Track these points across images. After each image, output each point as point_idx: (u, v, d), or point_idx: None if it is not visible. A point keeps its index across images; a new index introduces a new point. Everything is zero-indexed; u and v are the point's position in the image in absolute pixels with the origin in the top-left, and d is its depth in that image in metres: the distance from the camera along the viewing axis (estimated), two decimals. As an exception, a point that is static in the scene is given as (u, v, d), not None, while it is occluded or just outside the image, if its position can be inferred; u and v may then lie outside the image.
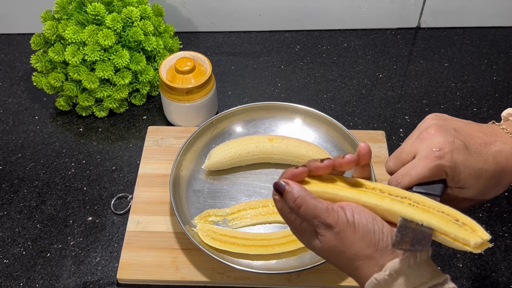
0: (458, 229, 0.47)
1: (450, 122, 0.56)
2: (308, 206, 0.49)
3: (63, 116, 0.99)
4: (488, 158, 0.54)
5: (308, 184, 0.52)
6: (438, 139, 0.53)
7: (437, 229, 0.48)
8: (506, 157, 0.54)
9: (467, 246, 0.46)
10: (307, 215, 0.49)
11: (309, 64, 1.08)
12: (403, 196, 0.51)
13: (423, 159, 0.53)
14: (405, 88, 1.03)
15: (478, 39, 1.12)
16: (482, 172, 0.53)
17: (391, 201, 0.50)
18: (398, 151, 0.56)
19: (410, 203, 0.50)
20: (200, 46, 1.11)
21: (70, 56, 0.89)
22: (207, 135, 0.88)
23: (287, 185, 0.50)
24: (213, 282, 0.75)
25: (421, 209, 0.49)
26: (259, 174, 0.86)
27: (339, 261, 0.50)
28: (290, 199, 0.50)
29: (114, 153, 0.93)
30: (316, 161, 0.52)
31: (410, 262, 0.46)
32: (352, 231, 0.48)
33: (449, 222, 0.48)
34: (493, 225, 0.82)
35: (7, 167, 0.91)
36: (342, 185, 0.53)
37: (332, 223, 0.48)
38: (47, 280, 0.77)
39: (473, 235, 0.46)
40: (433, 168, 0.52)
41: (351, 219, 0.48)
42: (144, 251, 0.78)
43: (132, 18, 0.93)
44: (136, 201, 0.84)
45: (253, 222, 0.80)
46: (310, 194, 0.50)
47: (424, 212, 0.49)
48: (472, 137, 0.55)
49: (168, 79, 0.89)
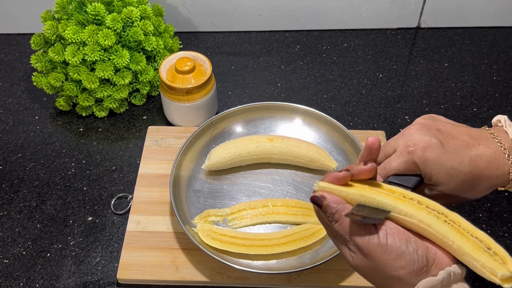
0: (488, 257, 0.46)
1: (437, 122, 0.58)
2: (342, 222, 0.49)
3: (63, 116, 0.99)
4: (465, 160, 0.55)
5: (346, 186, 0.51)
6: (415, 136, 0.56)
7: (467, 255, 0.47)
8: (486, 161, 0.55)
9: (494, 276, 0.45)
10: (341, 230, 0.49)
11: (309, 64, 1.08)
12: (440, 211, 0.50)
13: (399, 153, 0.56)
14: (405, 88, 1.03)
15: (478, 39, 1.12)
16: (454, 172, 0.54)
17: (427, 214, 0.49)
18: (383, 145, 0.58)
19: (446, 220, 0.49)
20: (200, 46, 1.11)
21: (70, 56, 0.89)
22: (207, 135, 0.88)
23: (324, 199, 0.49)
24: (213, 282, 0.75)
25: (455, 230, 0.48)
26: (259, 174, 0.86)
27: (371, 277, 0.50)
28: (329, 213, 0.49)
29: (114, 153, 0.93)
30: (359, 164, 0.51)
31: (443, 281, 0.46)
32: (384, 252, 0.47)
33: (480, 249, 0.47)
34: (493, 225, 0.82)
35: (7, 167, 0.91)
36: (379, 191, 0.51)
37: (362, 245, 0.48)
38: (47, 280, 0.77)
39: (502, 266, 0.45)
40: (405, 163, 0.55)
41: (384, 242, 0.48)
42: (144, 251, 0.78)
43: (132, 18, 0.93)
44: (136, 201, 0.84)
45: (253, 222, 0.80)
46: (348, 208, 0.49)
47: (458, 234, 0.48)
48: (454, 138, 0.56)
49: (168, 79, 0.89)
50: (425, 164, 0.54)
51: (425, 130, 0.56)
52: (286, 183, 0.85)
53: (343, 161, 0.86)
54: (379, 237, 0.48)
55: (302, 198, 0.83)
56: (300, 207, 0.80)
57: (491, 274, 0.46)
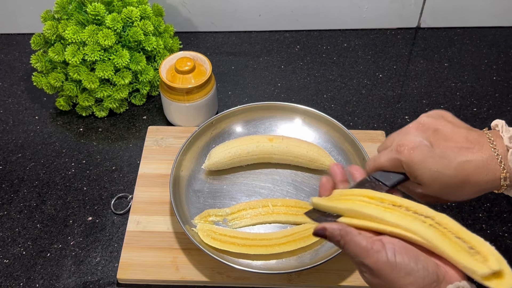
0: (469, 258, 0.46)
1: (438, 122, 0.58)
2: (349, 246, 0.50)
3: (63, 116, 0.99)
4: (451, 164, 0.55)
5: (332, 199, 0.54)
6: (408, 136, 0.57)
7: (450, 258, 0.47)
8: (476, 167, 0.55)
9: (477, 277, 0.45)
10: (350, 253, 0.50)
11: (309, 64, 1.08)
12: (427, 215, 0.50)
13: (389, 150, 0.58)
14: (405, 88, 1.03)
15: (478, 39, 1.12)
16: (438, 175, 0.55)
17: (413, 220, 0.50)
18: (385, 139, 0.60)
19: (432, 224, 0.49)
20: (200, 46, 1.11)
21: (70, 56, 0.89)
22: (207, 135, 0.88)
23: (325, 231, 0.52)
24: (213, 282, 0.75)
25: (439, 233, 0.49)
26: (259, 174, 0.86)
27: None
28: (335, 241, 0.51)
29: (114, 153, 0.93)
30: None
31: None
32: (393, 270, 0.48)
33: (462, 251, 0.47)
34: (493, 225, 0.82)
35: (7, 167, 0.91)
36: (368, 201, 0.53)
37: (370, 264, 0.49)
38: (47, 280, 0.77)
39: (482, 265, 0.45)
40: (392, 160, 0.57)
41: (392, 259, 0.48)
42: (144, 251, 0.78)
43: (132, 18, 0.93)
44: (136, 201, 0.84)
45: (253, 222, 0.80)
46: (351, 232, 0.50)
47: (442, 237, 0.48)
48: (448, 141, 0.56)
49: (168, 79, 0.89)
50: (410, 164, 0.56)
51: (422, 130, 0.57)
52: (286, 183, 0.85)
53: (343, 161, 0.86)
54: (388, 255, 0.48)
55: (302, 198, 0.83)
56: (300, 207, 0.80)
57: (473, 275, 0.46)
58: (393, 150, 0.57)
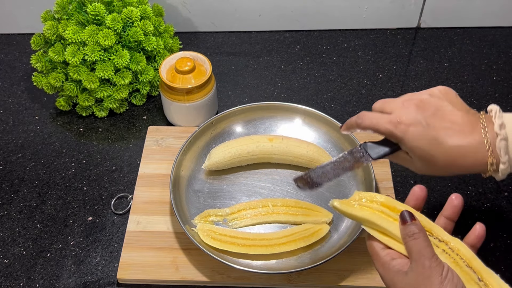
0: None
1: (440, 102, 0.60)
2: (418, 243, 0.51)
3: (63, 116, 0.99)
4: (442, 147, 0.57)
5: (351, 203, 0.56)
6: (410, 112, 0.59)
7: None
8: (465, 151, 0.57)
9: None
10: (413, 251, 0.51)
11: (309, 64, 1.08)
12: (441, 239, 0.52)
13: (387, 119, 0.60)
14: (405, 88, 1.03)
15: (478, 39, 1.12)
16: (426, 155, 0.58)
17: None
18: (388, 101, 0.63)
19: (445, 250, 0.51)
20: (200, 46, 1.11)
21: (70, 56, 0.89)
22: (207, 135, 0.88)
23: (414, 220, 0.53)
24: (213, 282, 0.75)
25: (451, 260, 0.50)
26: (259, 174, 0.86)
27: None
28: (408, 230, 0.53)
29: (114, 153, 0.93)
30: None
31: None
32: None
33: (470, 281, 0.48)
34: (493, 225, 0.82)
35: (7, 167, 0.91)
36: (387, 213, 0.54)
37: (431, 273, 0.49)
38: (47, 280, 0.77)
39: None
40: (387, 130, 0.60)
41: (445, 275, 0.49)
42: (144, 251, 0.78)
43: (132, 18, 0.93)
44: (136, 201, 0.84)
45: (253, 222, 0.80)
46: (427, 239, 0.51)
47: (452, 263, 0.50)
48: (444, 121, 0.58)
49: (168, 79, 0.89)
50: (403, 139, 0.59)
51: (422, 109, 0.59)
52: (286, 183, 0.85)
53: (343, 161, 0.86)
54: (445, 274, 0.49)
55: (302, 198, 0.83)
56: (300, 207, 0.80)
57: None
58: (391, 122, 0.59)
